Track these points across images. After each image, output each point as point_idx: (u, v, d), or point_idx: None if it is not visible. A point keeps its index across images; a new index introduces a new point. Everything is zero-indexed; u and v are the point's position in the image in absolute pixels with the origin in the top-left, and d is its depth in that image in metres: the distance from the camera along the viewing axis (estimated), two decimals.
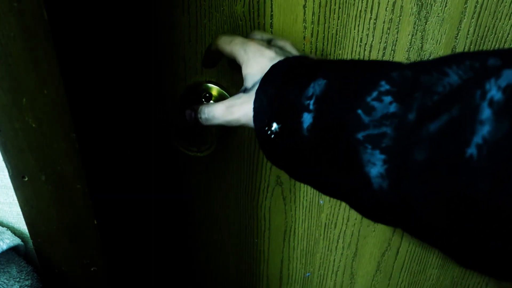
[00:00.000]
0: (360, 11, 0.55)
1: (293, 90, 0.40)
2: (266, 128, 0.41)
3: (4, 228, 0.48)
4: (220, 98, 0.63)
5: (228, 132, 0.66)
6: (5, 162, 0.42)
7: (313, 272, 0.79)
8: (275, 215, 0.74)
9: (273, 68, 0.43)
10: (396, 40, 0.57)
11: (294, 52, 0.47)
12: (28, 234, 0.48)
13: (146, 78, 0.63)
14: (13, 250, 0.48)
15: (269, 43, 0.48)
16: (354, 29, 0.56)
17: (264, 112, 0.42)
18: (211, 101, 0.63)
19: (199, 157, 0.68)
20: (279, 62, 0.43)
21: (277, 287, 0.83)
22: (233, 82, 0.61)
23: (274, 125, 0.41)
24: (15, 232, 0.49)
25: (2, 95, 0.37)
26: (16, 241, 0.47)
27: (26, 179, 0.42)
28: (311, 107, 0.38)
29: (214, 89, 0.63)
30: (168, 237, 0.79)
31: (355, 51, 0.58)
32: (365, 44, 0.57)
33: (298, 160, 0.40)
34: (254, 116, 0.43)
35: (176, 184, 0.72)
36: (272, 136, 0.41)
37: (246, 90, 0.45)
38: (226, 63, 0.60)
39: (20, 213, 0.46)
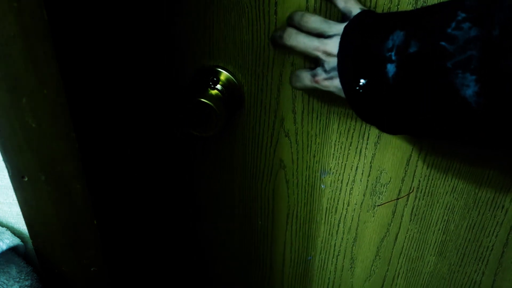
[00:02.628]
0: None
1: (374, 45, 0.44)
2: (354, 84, 0.46)
3: (4, 228, 0.47)
4: (226, 82, 0.66)
5: (234, 113, 0.69)
6: (4, 162, 0.41)
7: (315, 255, 0.82)
8: (278, 198, 0.76)
9: (348, 29, 0.47)
10: None
11: (357, 8, 0.51)
12: (27, 234, 0.47)
13: (150, 71, 0.66)
14: (12, 250, 0.47)
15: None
16: None
17: (349, 71, 0.46)
18: (218, 85, 0.66)
19: (204, 141, 0.72)
20: (351, 23, 0.47)
21: (280, 269, 0.86)
22: (239, 67, 0.64)
23: (362, 81, 0.45)
24: (14, 232, 0.48)
25: (1, 95, 0.36)
26: (16, 241, 0.46)
27: (26, 179, 0.42)
28: (393, 57, 0.42)
29: (221, 74, 0.66)
30: (172, 227, 0.83)
31: None
32: None
33: (388, 109, 0.45)
34: (341, 77, 0.47)
35: (180, 170, 0.76)
36: (361, 91, 0.45)
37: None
38: (232, 51, 0.63)
39: (20, 213, 0.45)
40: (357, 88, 0.46)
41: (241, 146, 0.72)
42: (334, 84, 0.50)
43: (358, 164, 0.69)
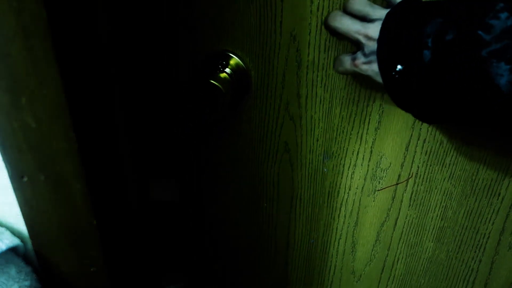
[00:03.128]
0: None
1: (412, 32, 0.46)
2: (391, 70, 0.48)
3: (3, 228, 0.47)
4: (235, 66, 0.69)
5: (242, 96, 0.72)
6: (4, 162, 0.41)
7: (317, 238, 0.85)
8: (283, 181, 0.80)
9: (390, 14, 0.49)
10: None
11: None
12: (27, 234, 0.47)
13: (153, 68, 0.70)
14: (12, 250, 0.47)
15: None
16: None
17: (387, 56, 0.48)
18: (227, 69, 0.69)
19: (212, 125, 0.75)
20: (393, 9, 0.49)
21: (284, 251, 0.89)
22: (247, 52, 0.68)
23: (398, 67, 0.47)
24: (14, 232, 0.48)
25: (1, 94, 0.37)
26: (16, 241, 0.47)
27: (26, 179, 0.42)
28: (429, 44, 0.44)
29: (230, 58, 0.69)
30: (175, 221, 0.87)
31: None
32: None
33: (422, 95, 0.46)
34: (379, 61, 0.49)
35: (187, 158, 0.79)
36: (397, 76, 0.47)
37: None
38: (240, 35, 0.66)
39: (20, 213, 0.45)
40: (393, 73, 0.47)
41: (248, 129, 0.75)
42: (372, 68, 0.52)
43: (359, 148, 0.71)
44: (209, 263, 0.98)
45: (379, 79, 0.51)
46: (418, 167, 0.70)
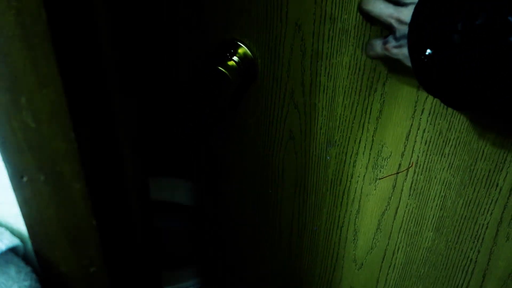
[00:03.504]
0: None
1: (443, 17, 0.47)
2: (420, 54, 0.49)
3: (3, 228, 0.47)
4: (242, 54, 0.72)
5: (249, 84, 0.75)
6: (4, 162, 0.41)
7: (320, 226, 0.87)
8: (287, 168, 0.82)
9: (422, 0, 0.50)
10: None
11: None
12: (27, 234, 0.47)
13: (154, 66, 0.73)
14: (12, 250, 0.47)
15: None
16: None
17: (417, 40, 0.49)
18: (235, 57, 0.72)
19: (219, 113, 0.78)
20: None
21: (288, 238, 0.92)
22: (254, 41, 0.70)
23: (428, 51, 0.48)
24: (13, 232, 0.48)
25: (0, 94, 0.36)
26: (15, 241, 0.46)
27: (25, 179, 0.42)
28: (459, 28, 0.45)
29: (238, 47, 0.72)
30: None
31: None
32: None
33: (449, 80, 0.47)
34: (408, 45, 0.50)
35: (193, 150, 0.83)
36: (426, 60, 0.48)
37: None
38: (248, 24, 0.69)
39: (19, 213, 0.45)
40: (422, 57, 0.48)
41: (254, 117, 0.78)
42: (403, 52, 0.53)
43: (361, 137, 0.73)
44: (215, 249, 1.01)
45: (408, 63, 0.52)
46: (418, 156, 0.71)
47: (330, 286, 0.95)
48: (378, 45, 0.58)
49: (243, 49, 0.72)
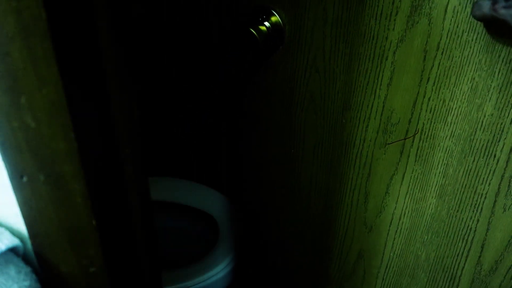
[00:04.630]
0: None
1: None
2: None
3: (3, 228, 0.47)
4: (272, 20, 0.82)
5: (277, 47, 0.84)
6: (3, 162, 0.41)
7: (334, 187, 0.95)
8: (308, 128, 0.91)
9: None
10: None
11: None
12: (27, 234, 0.47)
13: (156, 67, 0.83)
14: (11, 251, 0.47)
15: None
16: None
17: None
18: (266, 22, 0.82)
19: (250, 73, 0.88)
20: None
21: (307, 200, 1.00)
22: (283, 8, 0.80)
23: None
24: (13, 232, 0.48)
25: (0, 94, 0.36)
26: (15, 241, 0.46)
27: (25, 179, 0.41)
28: None
29: (269, 13, 0.82)
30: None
31: None
32: None
33: None
34: None
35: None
36: None
37: None
38: None
39: (19, 213, 0.45)
40: None
41: (280, 79, 0.87)
42: (510, 12, 0.53)
43: (373, 103, 0.81)
44: (240, 192, 1.12)
45: None
46: (424, 124, 0.78)
47: (342, 247, 1.02)
48: (486, 6, 0.59)
49: (273, 15, 0.82)
